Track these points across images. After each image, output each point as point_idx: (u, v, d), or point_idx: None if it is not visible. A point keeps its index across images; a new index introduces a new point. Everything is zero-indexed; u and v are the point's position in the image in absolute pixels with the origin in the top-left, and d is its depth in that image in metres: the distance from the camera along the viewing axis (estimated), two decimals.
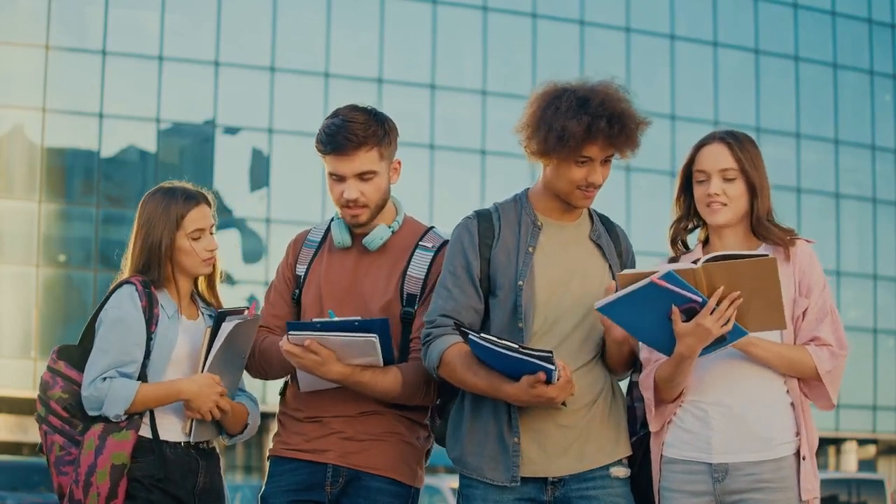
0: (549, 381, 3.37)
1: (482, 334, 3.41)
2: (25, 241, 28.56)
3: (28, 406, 28.05)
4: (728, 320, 3.37)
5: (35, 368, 27.56)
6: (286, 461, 3.85)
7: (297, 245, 3.99)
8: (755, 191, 3.64)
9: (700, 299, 3.35)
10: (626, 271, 3.41)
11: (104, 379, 3.71)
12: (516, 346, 3.37)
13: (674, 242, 3.80)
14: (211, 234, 3.93)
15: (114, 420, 3.72)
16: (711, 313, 3.36)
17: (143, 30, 29.23)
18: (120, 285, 3.85)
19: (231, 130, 30.16)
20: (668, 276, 3.31)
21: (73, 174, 29.86)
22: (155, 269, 3.85)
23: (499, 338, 3.41)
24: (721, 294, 3.35)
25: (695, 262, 3.68)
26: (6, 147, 28.70)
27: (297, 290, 3.91)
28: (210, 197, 3.98)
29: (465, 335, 3.46)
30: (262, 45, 30.03)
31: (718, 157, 3.64)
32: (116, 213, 29.60)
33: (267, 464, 3.97)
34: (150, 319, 3.81)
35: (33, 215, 28.59)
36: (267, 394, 26.48)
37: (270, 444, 3.97)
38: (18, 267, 28.36)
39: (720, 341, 3.44)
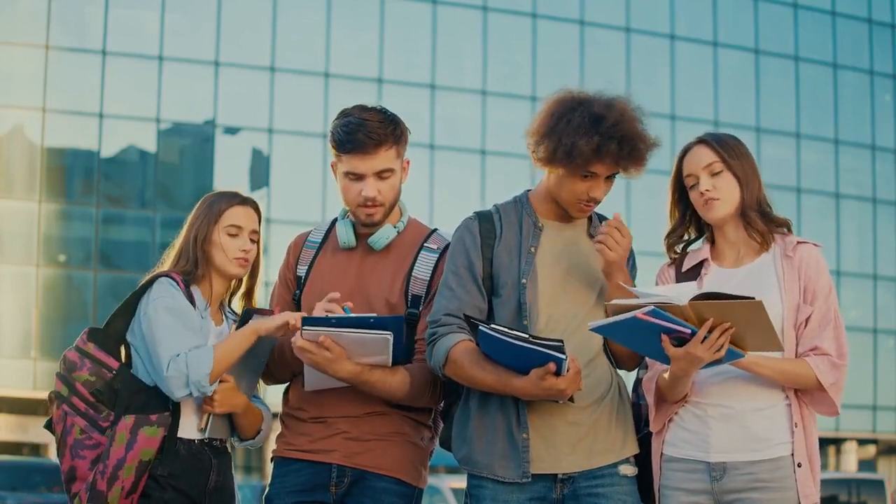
0: (558, 373, 3.37)
1: (492, 325, 3.42)
2: (25, 241, 28.57)
3: (28, 406, 28.07)
4: (720, 348, 3.38)
5: (35, 368, 27.58)
6: (290, 462, 3.84)
7: (297, 247, 3.98)
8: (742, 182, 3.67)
9: (688, 330, 3.35)
10: (614, 301, 3.41)
11: (178, 356, 3.68)
12: (527, 335, 3.37)
13: (670, 250, 3.82)
14: (252, 241, 3.90)
15: (200, 391, 3.66)
16: (702, 342, 3.36)
17: (143, 30, 29.25)
18: (158, 277, 3.84)
19: (231, 130, 30.17)
20: (652, 313, 3.32)
21: (73, 174, 29.87)
22: (192, 262, 3.85)
23: (508, 328, 3.41)
24: (711, 324, 3.35)
25: (690, 269, 3.69)
26: (6, 147, 28.71)
27: (297, 292, 3.90)
28: (260, 208, 3.96)
29: (474, 326, 3.47)
30: (262, 45, 30.04)
31: (701, 157, 3.68)
32: (116, 213, 29.62)
33: (269, 464, 3.95)
34: None
35: (33, 215, 28.60)
36: (267, 394, 26.36)
37: (273, 445, 3.95)
38: (18, 267, 28.37)
39: (716, 361, 3.44)
